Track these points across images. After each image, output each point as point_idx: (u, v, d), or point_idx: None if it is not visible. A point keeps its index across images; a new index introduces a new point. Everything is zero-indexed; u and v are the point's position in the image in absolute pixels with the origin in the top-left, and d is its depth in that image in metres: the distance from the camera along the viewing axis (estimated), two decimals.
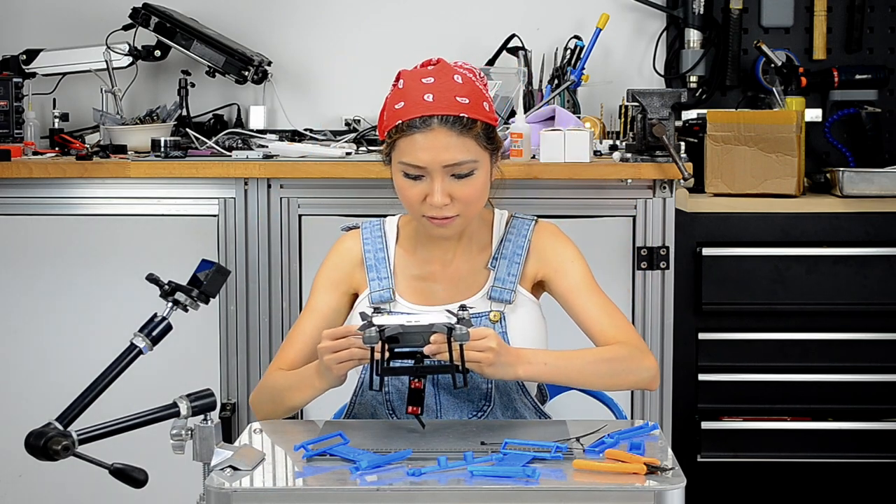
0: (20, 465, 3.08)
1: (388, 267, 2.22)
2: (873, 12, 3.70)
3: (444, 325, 1.91)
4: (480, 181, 2.12)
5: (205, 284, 1.89)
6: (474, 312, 2.15)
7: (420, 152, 2.07)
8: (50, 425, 1.73)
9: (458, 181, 2.09)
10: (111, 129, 3.35)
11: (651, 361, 2.12)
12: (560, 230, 2.28)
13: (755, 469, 3.24)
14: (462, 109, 2.09)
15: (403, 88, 2.12)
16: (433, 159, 2.07)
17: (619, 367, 2.09)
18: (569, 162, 2.95)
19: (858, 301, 3.17)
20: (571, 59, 3.53)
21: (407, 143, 2.09)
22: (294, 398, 2.12)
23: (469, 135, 2.09)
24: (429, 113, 2.08)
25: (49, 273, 3.11)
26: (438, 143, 2.07)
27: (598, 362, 2.09)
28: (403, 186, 2.12)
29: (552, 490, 1.66)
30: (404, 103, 2.10)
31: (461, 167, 2.09)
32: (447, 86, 2.10)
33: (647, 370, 2.10)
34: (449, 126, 2.08)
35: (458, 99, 2.09)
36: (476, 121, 2.10)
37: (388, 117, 2.13)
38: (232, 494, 1.64)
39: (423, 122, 2.08)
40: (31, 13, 3.74)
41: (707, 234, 3.18)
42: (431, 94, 2.09)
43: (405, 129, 2.09)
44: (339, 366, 1.99)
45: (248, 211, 3.04)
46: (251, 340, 3.06)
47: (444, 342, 1.91)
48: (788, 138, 3.18)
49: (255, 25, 3.72)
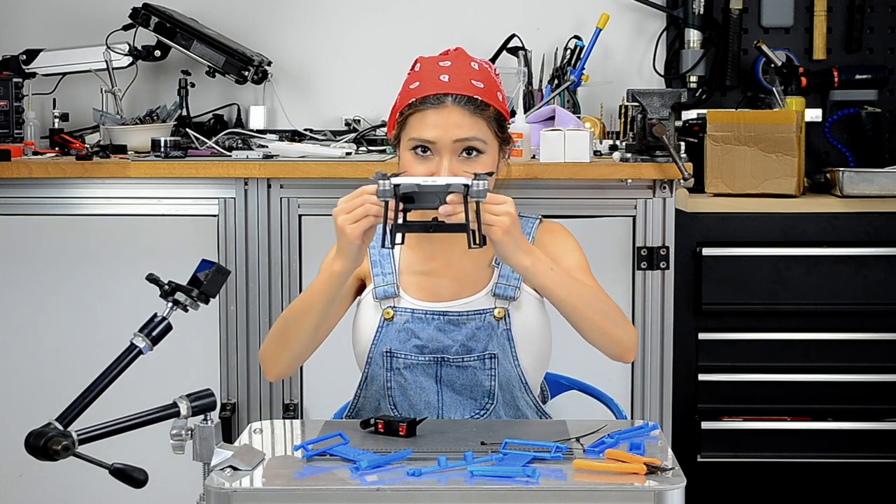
0: (20, 465, 3.08)
1: (392, 262, 2.21)
2: (873, 12, 3.70)
3: (461, 185, 1.85)
4: (487, 164, 2.12)
5: (205, 284, 1.89)
6: (478, 309, 2.16)
7: (431, 128, 2.09)
8: (50, 425, 1.73)
9: (466, 162, 2.10)
10: (111, 129, 3.35)
11: (634, 330, 2.12)
12: (565, 229, 2.28)
13: (755, 469, 3.24)
14: (477, 92, 2.11)
15: (420, 71, 2.16)
16: (443, 135, 2.08)
17: (612, 315, 2.08)
18: (569, 162, 2.95)
19: (858, 301, 3.17)
20: (571, 59, 3.53)
21: (418, 119, 2.10)
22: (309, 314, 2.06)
23: (481, 116, 2.11)
24: (443, 91, 2.10)
25: (49, 273, 3.11)
26: (450, 121, 2.09)
27: (597, 297, 2.08)
28: (410, 164, 2.11)
29: (552, 490, 1.66)
30: (419, 83, 2.13)
31: (470, 143, 2.09)
32: (464, 70, 2.13)
33: (629, 334, 2.10)
34: (462, 105, 2.10)
35: (474, 82, 2.12)
36: (489, 105, 2.12)
37: (402, 97, 2.15)
38: (232, 494, 1.64)
39: (437, 99, 2.10)
40: (31, 13, 3.74)
41: (707, 234, 3.18)
42: (447, 76, 2.12)
43: (418, 106, 2.11)
44: (353, 226, 1.91)
45: (248, 211, 3.04)
46: (251, 340, 3.07)
47: (461, 202, 1.86)
48: (788, 138, 3.18)
49: (255, 25, 3.72)
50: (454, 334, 2.15)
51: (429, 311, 2.17)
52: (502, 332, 2.16)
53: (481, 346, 2.15)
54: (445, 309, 2.17)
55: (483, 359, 2.15)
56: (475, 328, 2.16)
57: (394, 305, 2.17)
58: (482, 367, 2.15)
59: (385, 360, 2.16)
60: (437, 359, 2.15)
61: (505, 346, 2.15)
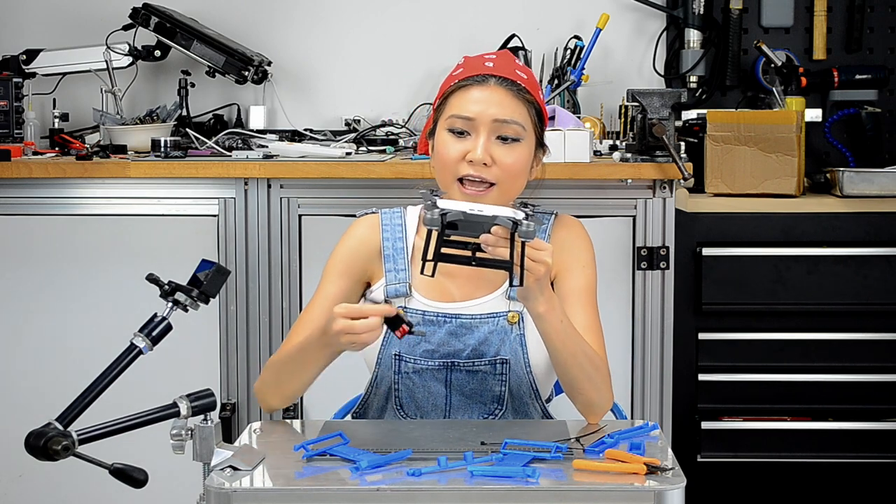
0: (20, 465, 3.08)
1: (405, 259, 2.18)
2: (873, 12, 3.70)
3: (509, 219, 1.80)
4: (523, 155, 2.11)
5: (205, 284, 1.89)
6: (491, 312, 2.14)
7: (472, 104, 2.09)
8: (50, 425, 1.73)
9: (502, 146, 2.09)
10: (111, 129, 3.36)
11: (611, 396, 2.10)
12: (584, 228, 2.25)
13: (755, 469, 3.24)
14: (520, 80, 2.13)
15: (464, 63, 2.17)
16: (483, 111, 2.08)
17: (595, 379, 2.05)
18: (569, 162, 2.95)
19: (858, 301, 3.17)
20: (571, 59, 3.53)
21: (460, 97, 2.11)
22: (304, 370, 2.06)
23: (522, 100, 2.11)
24: (488, 73, 2.11)
25: (49, 273, 3.11)
26: (492, 98, 2.09)
27: (588, 360, 2.04)
28: (445, 143, 2.10)
29: (552, 490, 1.66)
30: (463, 70, 2.15)
31: (508, 127, 2.09)
32: (509, 61, 2.15)
33: (604, 399, 2.07)
34: (506, 86, 2.11)
35: (518, 72, 2.14)
36: (530, 93, 2.13)
37: (445, 83, 2.16)
38: (232, 494, 1.64)
39: (482, 78, 2.11)
40: (31, 13, 3.75)
41: (707, 234, 3.18)
42: (492, 63, 2.13)
43: (461, 84, 2.11)
44: (353, 345, 1.92)
45: (248, 211, 3.04)
46: (251, 340, 3.06)
47: (506, 237, 1.82)
48: (788, 138, 3.18)
49: (255, 25, 3.72)
50: (466, 338, 2.12)
51: (441, 314, 2.13)
52: (515, 336, 2.13)
53: (493, 351, 2.12)
54: (458, 312, 2.13)
55: (494, 363, 2.12)
56: (487, 332, 2.12)
57: (405, 306, 2.12)
58: (493, 371, 2.12)
59: (394, 363, 2.13)
60: (448, 363, 2.12)
61: (517, 352, 2.12)
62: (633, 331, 3.02)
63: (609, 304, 2.95)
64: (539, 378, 2.15)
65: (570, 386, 2.06)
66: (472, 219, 1.81)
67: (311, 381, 2.10)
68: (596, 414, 2.06)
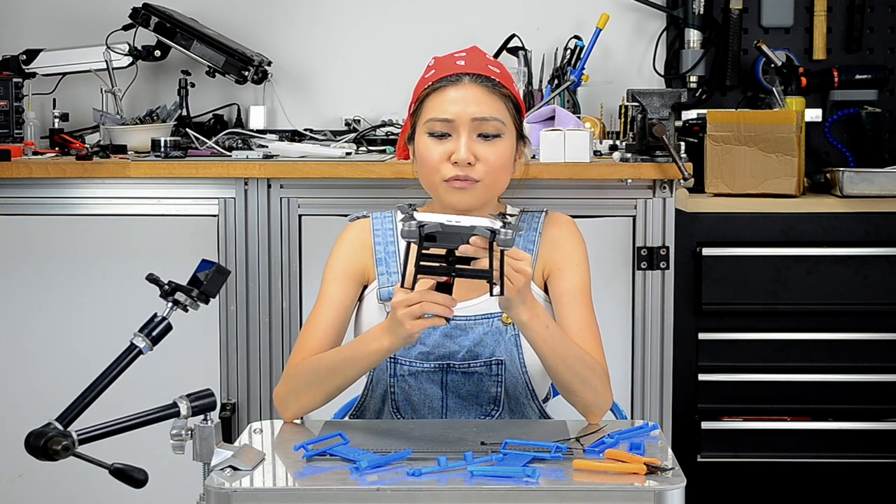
0: (20, 465, 3.08)
1: (397, 261, 2.18)
2: (873, 12, 3.70)
3: (487, 229, 1.79)
4: (506, 150, 2.11)
5: (205, 284, 1.89)
6: (486, 313, 2.13)
7: (450, 105, 2.09)
8: (50, 425, 1.73)
9: (484, 143, 2.09)
10: (111, 129, 3.36)
11: (610, 395, 2.09)
12: (575, 225, 2.24)
13: (755, 469, 3.24)
14: (493, 74, 2.13)
15: (435, 64, 2.17)
16: (462, 111, 2.08)
17: (591, 380, 2.04)
18: (569, 162, 2.95)
19: (858, 301, 3.17)
20: (571, 59, 3.53)
21: (436, 99, 2.11)
22: (347, 371, 2.02)
23: (498, 95, 2.11)
24: (460, 71, 2.11)
25: (49, 273, 3.11)
26: (469, 97, 2.09)
27: (581, 362, 2.03)
28: (427, 146, 2.10)
29: (552, 490, 1.66)
30: (435, 71, 2.14)
31: (488, 125, 2.09)
32: (479, 58, 2.15)
33: (603, 399, 2.06)
34: (480, 83, 2.10)
35: (490, 67, 2.14)
36: (506, 87, 2.13)
37: (418, 87, 2.16)
38: (232, 494, 1.64)
39: (455, 77, 2.11)
40: (31, 13, 3.75)
41: (707, 234, 3.18)
42: (464, 61, 2.13)
43: (435, 87, 2.11)
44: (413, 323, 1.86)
45: (248, 211, 3.04)
46: (251, 340, 3.06)
47: (484, 247, 1.80)
48: (788, 138, 3.18)
49: (255, 25, 3.72)
50: (461, 339, 2.12)
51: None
52: (510, 337, 2.12)
53: (488, 352, 2.12)
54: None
55: (489, 364, 2.12)
56: (482, 333, 2.12)
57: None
58: (488, 373, 2.12)
59: (389, 366, 2.13)
60: (443, 365, 2.12)
61: (512, 352, 2.12)
62: (633, 331, 3.02)
63: (609, 305, 2.96)
64: (535, 378, 2.14)
65: (565, 389, 2.06)
66: (449, 230, 1.80)
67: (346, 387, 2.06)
68: (595, 414, 2.06)
